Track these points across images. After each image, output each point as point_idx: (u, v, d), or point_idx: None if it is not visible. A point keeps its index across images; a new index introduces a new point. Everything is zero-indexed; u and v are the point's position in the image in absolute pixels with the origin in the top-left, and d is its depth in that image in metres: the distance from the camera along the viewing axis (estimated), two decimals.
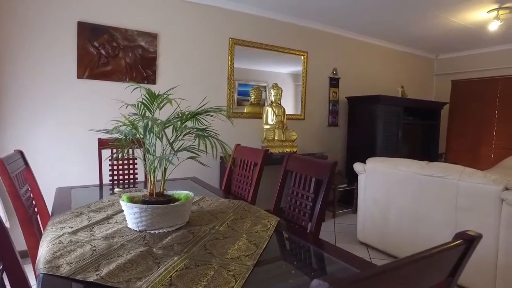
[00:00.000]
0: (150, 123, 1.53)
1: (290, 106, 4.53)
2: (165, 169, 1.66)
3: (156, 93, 1.67)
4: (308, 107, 4.64)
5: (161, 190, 1.67)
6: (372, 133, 4.57)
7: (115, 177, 2.59)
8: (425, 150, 5.70)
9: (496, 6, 3.76)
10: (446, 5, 3.75)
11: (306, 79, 4.57)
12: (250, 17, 4.07)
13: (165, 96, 1.58)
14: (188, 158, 1.65)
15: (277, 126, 3.93)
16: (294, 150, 4.00)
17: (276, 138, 3.88)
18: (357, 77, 5.17)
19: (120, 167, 2.61)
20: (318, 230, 1.58)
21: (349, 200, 4.66)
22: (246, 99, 4.34)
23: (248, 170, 2.31)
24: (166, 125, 1.55)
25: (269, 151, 2.14)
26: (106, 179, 2.57)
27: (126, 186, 2.54)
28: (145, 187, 2.38)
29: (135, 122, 1.60)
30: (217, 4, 3.81)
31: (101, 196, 2.21)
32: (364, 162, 3.38)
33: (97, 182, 2.58)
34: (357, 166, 3.38)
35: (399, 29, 4.71)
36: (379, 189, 3.15)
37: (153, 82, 3.52)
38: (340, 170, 4.64)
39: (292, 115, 4.48)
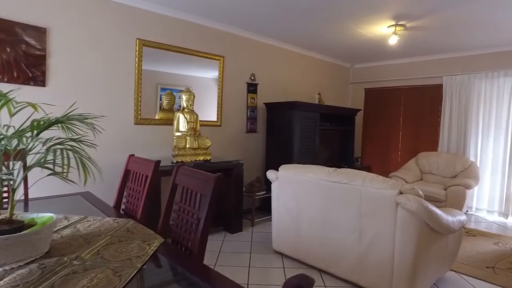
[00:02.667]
0: None
1: (213, 112, 4.37)
2: (13, 190, 1.35)
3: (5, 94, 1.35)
4: (226, 113, 4.50)
5: (8, 215, 1.35)
6: (290, 139, 4.58)
7: None
8: (342, 155, 5.94)
9: (393, 22, 4.02)
10: (352, 17, 3.91)
11: (222, 84, 4.43)
12: (161, 17, 3.80)
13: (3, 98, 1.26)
14: (49, 175, 1.36)
15: (189, 133, 3.71)
16: (208, 158, 3.82)
17: (188, 146, 3.65)
18: (276, 83, 5.18)
19: None
20: (202, 253, 1.40)
21: (269, 207, 4.58)
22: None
23: (140, 184, 2.05)
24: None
25: (160, 162, 1.91)
26: None
27: None
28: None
29: None
30: (121, 1, 3.48)
31: None
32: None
33: None
34: (270, 174, 3.31)
35: (316, 37, 4.83)
36: (291, 197, 3.10)
37: (42, 84, 3.06)
38: (259, 177, 4.57)
39: (207, 121, 4.29)
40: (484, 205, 5.29)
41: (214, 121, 4.38)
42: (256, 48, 4.84)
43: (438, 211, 2.34)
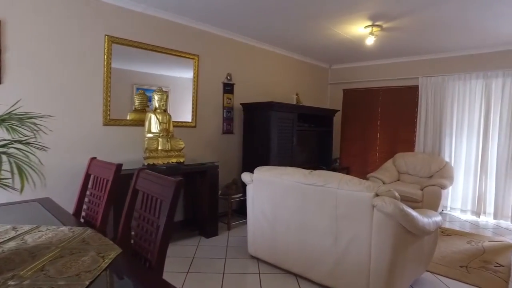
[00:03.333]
0: None
1: (188, 113, 4.25)
2: None
3: None
4: (201, 114, 4.37)
5: None
6: (267, 140, 4.49)
7: None
8: (321, 156, 5.90)
9: (370, 22, 4.00)
10: (329, 17, 3.86)
11: (197, 84, 4.29)
12: (132, 13, 3.63)
13: None
14: None
15: (161, 134, 3.56)
16: (181, 160, 3.68)
17: (160, 147, 3.50)
18: (253, 83, 5.09)
19: None
20: (161, 264, 1.28)
21: (245, 210, 4.46)
22: (147, 105, 3.96)
23: (100, 189, 1.91)
24: None
25: (122, 165, 1.77)
26: None
27: None
28: None
29: None
30: None
31: None
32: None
33: None
34: (245, 176, 3.20)
35: (293, 37, 4.77)
36: (266, 200, 3.01)
37: None
38: (236, 179, 4.45)
39: (182, 122, 4.15)
40: (458, 204, 5.36)
41: (188, 122, 4.24)
42: (233, 47, 4.73)
43: (414, 213, 2.30)
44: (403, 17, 3.79)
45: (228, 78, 4.67)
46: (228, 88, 4.68)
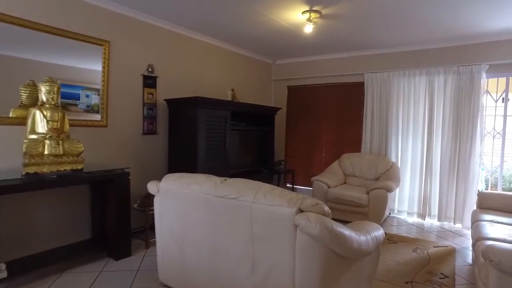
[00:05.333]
0: None
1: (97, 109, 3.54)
2: None
3: None
4: (114, 111, 3.67)
5: None
6: (194, 142, 3.88)
7: None
8: (263, 158, 5.39)
9: (307, 7, 3.55)
10: (259, 0, 3.36)
11: (108, 75, 3.58)
12: None
13: None
14: None
15: (49, 135, 2.82)
16: (79, 167, 2.96)
17: (46, 152, 2.77)
18: (182, 77, 4.46)
19: None
20: None
21: None
22: (74, 103, 3.33)
23: None
24: None
25: None
26: None
27: None
28: None
29: None
30: None
31: None
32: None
33: None
34: (151, 186, 2.58)
35: (225, 25, 4.21)
36: (174, 215, 2.41)
37: None
38: None
39: (88, 121, 3.43)
40: (405, 207, 5.11)
41: (96, 121, 3.52)
42: (155, 34, 4.07)
43: (347, 232, 1.82)
44: (341, 1, 3.36)
45: (150, 70, 4.00)
46: (150, 81, 4.01)
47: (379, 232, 2.25)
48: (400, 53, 5.07)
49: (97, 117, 3.53)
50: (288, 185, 6.13)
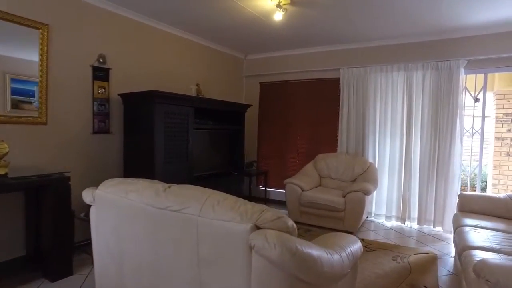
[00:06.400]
0: None
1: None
2: None
3: None
4: (56, 106, 3.17)
5: None
6: (150, 141, 3.44)
7: None
8: (233, 159, 4.99)
9: None
10: None
11: (47, 65, 3.09)
12: None
13: None
14: None
15: None
16: (2, 172, 2.47)
17: None
18: (141, 71, 4.00)
19: None
20: None
21: None
22: (28, 100, 2.93)
23: None
24: None
25: None
26: None
27: None
28: None
29: None
30: None
31: None
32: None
33: None
34: (85, 194, 2.12)
35: (189, 13, 3.79)
36: (110, 229, 1.97)
37: None
38: None
39: (22, 117, 2.92)
40: (383, 210, 4.84)
41: (32, 117, 3.01)
42: (107, 21, 3.60)
43: (316, 251, 1.45)
44: None
45: (101, 60, 3.52)
46: (101, 73, 3.54)
47: (356, 247, 1.90)
48: (378, 47, 4.80)
49: (33, 113, 3.02)
50: (261, 187, 5.76)
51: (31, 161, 2.95)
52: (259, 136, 5.84)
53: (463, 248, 2.52)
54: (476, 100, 4.53)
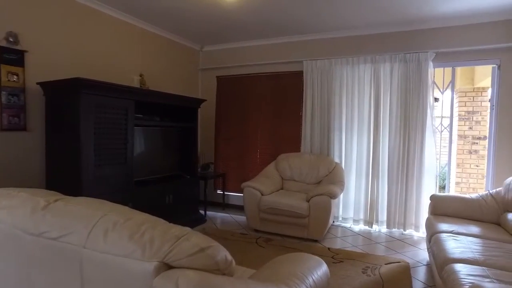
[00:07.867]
0: None
1: None
2: None
3: None
4: None
5: None
6: (76, 141, 2.82)
7: None
8: (185, 161, 4.43)
9: None
10: None
11: None
12: None
13: None
14: None
15: None
16: None
17: None
18: (71, 56, 3.35)
19: None
20: None
21: None
22: None
23: None
24: None
25: None
26: None
27: None
28: None
29: None
30: None
31: None
32: None
33: None
34: None
35: None
36: None
37: None
38: None
39: None
40: (350, 213, 4.48)
41: None
42: None
43: None
44: None
45: (11, 40, 2.85)
46: (11, 56, 2.86)
47: (320, 272, 1.45)
48: (342, 38, 4.45)
49: None
50: (218, 191, 5.24)
51: None
52: (217, 135, 5.31)
53: (444, 261, 2.16)
54: (436, 99, 4.33)
